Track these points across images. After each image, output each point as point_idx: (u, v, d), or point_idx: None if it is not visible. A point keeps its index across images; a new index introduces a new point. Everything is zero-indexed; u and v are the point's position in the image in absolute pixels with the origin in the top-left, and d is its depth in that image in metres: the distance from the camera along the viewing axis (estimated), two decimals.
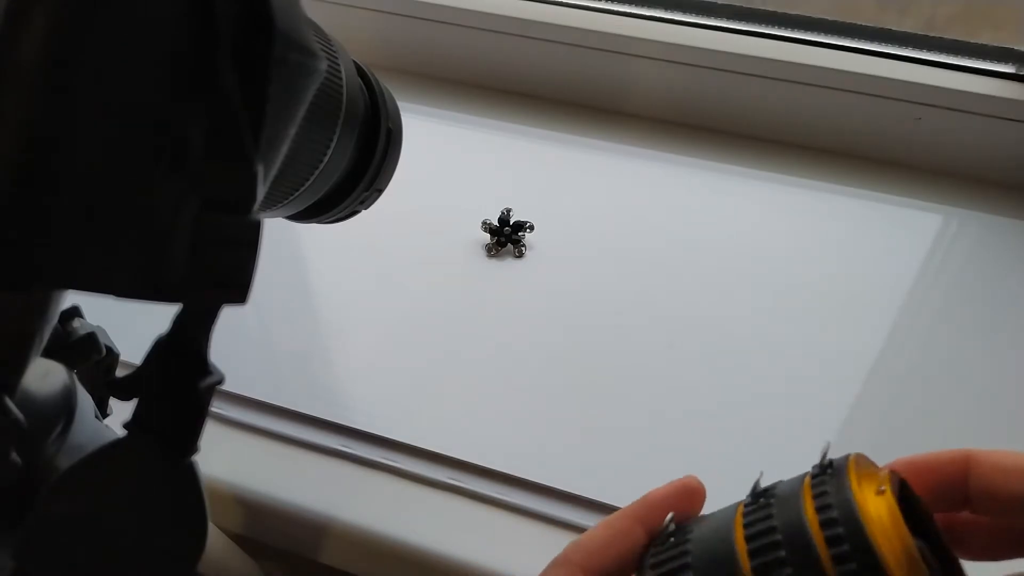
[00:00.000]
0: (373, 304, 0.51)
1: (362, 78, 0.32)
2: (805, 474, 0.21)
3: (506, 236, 0.54)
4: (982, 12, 0.62)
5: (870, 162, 0.62)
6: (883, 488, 0.19)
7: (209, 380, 0.19)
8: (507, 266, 0.54)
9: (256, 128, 0.18)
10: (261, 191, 0.18)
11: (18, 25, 0.16)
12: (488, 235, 0.54)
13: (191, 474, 0.20)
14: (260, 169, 0.18)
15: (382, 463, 0.42)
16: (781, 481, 0.21)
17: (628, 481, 0.42)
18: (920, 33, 0.60)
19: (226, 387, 0.26)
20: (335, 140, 0.28)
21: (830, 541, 0.18)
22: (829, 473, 0.20)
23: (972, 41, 0.59)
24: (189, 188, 0.17)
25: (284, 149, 0.20)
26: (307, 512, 0.41)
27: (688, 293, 0.52)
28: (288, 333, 0.49)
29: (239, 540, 0.41)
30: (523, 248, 0.54)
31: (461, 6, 0.66)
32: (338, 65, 0.28)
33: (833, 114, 0.62)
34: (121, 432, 0.20)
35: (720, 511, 0.22)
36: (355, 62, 0.31)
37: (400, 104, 0.34)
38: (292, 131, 0.20)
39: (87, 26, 0.16)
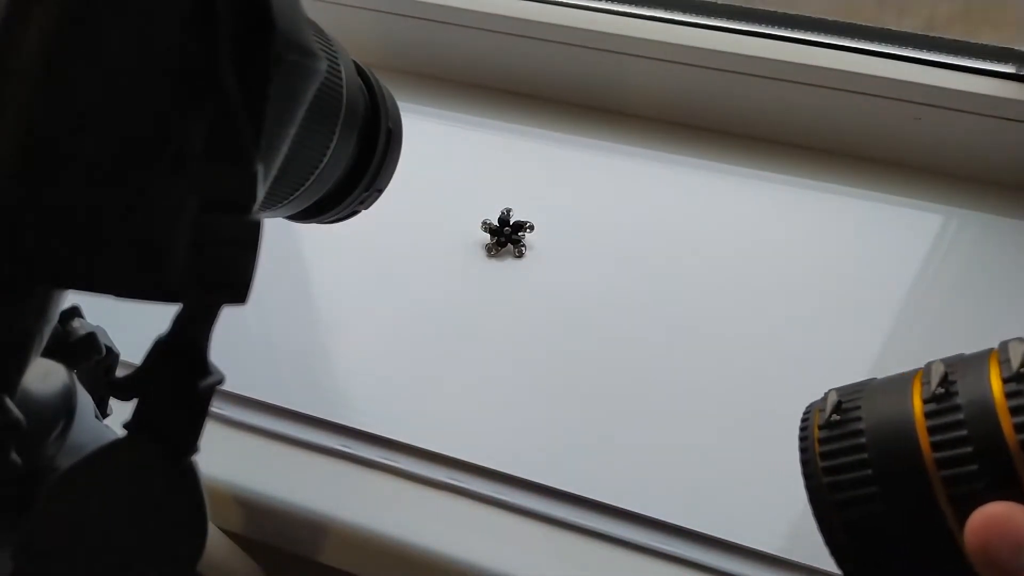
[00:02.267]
0: (373, 304, 0.51)
1: (362, 78, 0.32)
2: (987, 367, 0.22)
3: (506, 236, 0.54)
4: (982, 12, 0.62)
5: (870, 162, 0.62)
6: None
7: (209, 380, 0.19)
8: (507, 266, 0.54)
9: (256, 128, 0.18)
10: (261, 191, 0.18)
11: (18, 25, 0.16)
12: (488, 235, 0.54)
13: (191, 474, 0.20)
14: (260, 169, 0.18)
15: (382, 463, 0.43)
16: (960, 371, 0.22)
17: (629, 481, 0.42)
18: (920, 33, 0.60)
19: (226, 387, 0.26)
20: (335, 140, 0.28)
21: None
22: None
23: (972, 41, 0.59)
24: (189, 188, 0.17)
25: (284, 149, 0.20)
26: (307, 512, 0.41)
27: (688, 293, 0.52)
28: (288, 333, 0.49)
29: (239, 540, 0.41)
30: (523, 248, 0.54)
31: (461, 6, 0.66)
32: (338, 65, 0.28)
33: (833, 114, 0.61)
34: (121, 432, 0.20)
35: (892, 389, 0.23)
36: (355, 62, 0.31)
37: (400, 104, 0.34)
38: (292, 131, 0.20)
39: (87, 26, 0.16)
